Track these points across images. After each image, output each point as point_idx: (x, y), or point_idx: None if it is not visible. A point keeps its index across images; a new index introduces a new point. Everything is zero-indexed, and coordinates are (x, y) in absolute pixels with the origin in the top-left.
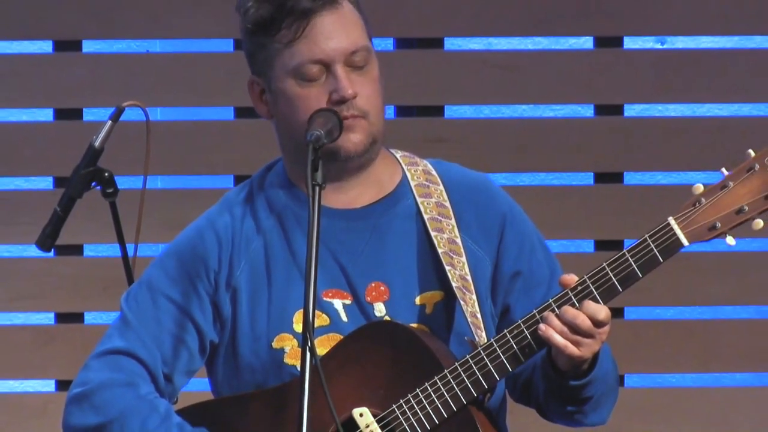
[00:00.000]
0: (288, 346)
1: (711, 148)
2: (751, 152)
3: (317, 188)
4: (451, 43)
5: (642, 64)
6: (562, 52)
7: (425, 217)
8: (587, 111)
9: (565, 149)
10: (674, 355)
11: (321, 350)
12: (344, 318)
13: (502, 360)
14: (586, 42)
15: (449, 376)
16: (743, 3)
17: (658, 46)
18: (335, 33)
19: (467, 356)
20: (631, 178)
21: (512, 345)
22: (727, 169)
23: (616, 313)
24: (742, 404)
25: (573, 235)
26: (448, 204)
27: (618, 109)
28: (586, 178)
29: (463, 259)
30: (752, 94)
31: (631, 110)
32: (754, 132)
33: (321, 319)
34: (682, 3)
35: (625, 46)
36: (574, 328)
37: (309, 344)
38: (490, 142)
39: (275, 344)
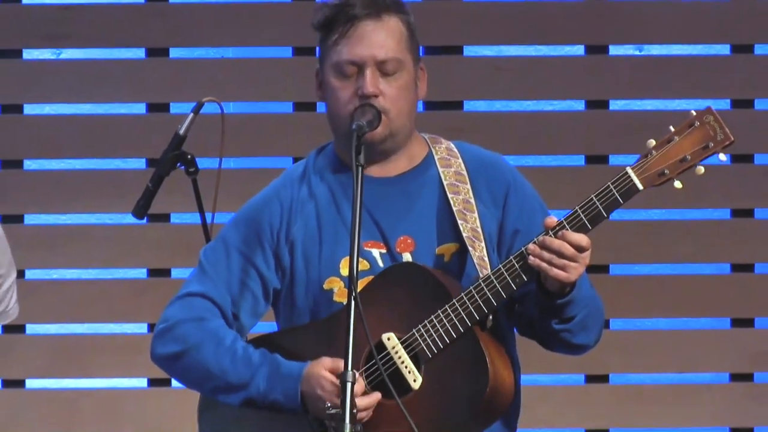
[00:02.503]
0: (336, 287)
1: None
2: (693, 112)
3: (360, 167)
4: (469, 50)
5: (624, 67)
6: (559, 58)
7: (445, 183)
8: (579, 105)
9: (561, 137)
10: (650, 303)
11: (362, 286)
12: (380, 264)
13: (498, 288)
14: (578, 49)
15: (456, 304)
16: (705, 18)
17: (637, 53)
18: (371, 41)
19: (470, 287)
20: (614, 159)
21: (505, 276)
22: (673, 127)
23: (603, 269)
24: (704, 343)
25: (567, 205)
26: (464, 172)
27: (604, 104)
28: (578, 161)
29: (475, 215)
30: (713, 92)
31: (615, 105)
32: None
33: (362, 265)
34: (656, 18)
35: (610, 53)
36: (560, 255)
37: (354, 285)
38: (500, 132)
39: (325, 286)
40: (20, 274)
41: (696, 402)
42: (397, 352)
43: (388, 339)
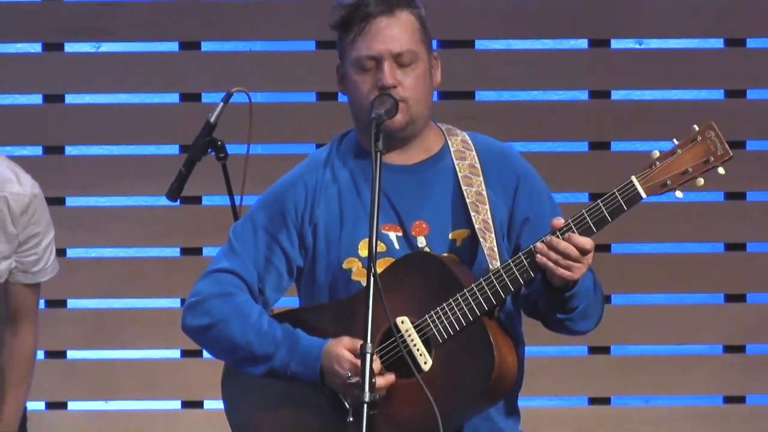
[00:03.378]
0: (354, 266)
1: (676, 124)
2: (696, 127)
3: (379, 153)
4: (480, 44)
5: (625, 59)
6: (564, 51)
7: (459, 174)
8: (583, 95)
9: (566, 125)
10: (649, 280)
11: (379, 270)
12: (397, 246)
13: (506, 282)
14: (582, 43)
15: (467, 294)
16: (701, 14)
17: (637, 46)
18: (386, 36)
19: (481, 279)
20: (616, 146)
21: (514, 271)
22: (677, 140)
23: (605, 248)
24: (700, 317)
25: (572, 189)
26: (478, 165)
27: (606, 94)
28: (582, 147)
29: (486, 207)
30: (708, 83)
31: (617, 95)
32: (707, 111)
33: (379, 247)
34: (654, 14)
35: (611, 47)
36: (565, 256)
37: (372, 265)
38: (509, 120)
39: (345, 265)
40: (62, 252)
41: (692, 372)
42: (410, 335)
43: (402, 322)
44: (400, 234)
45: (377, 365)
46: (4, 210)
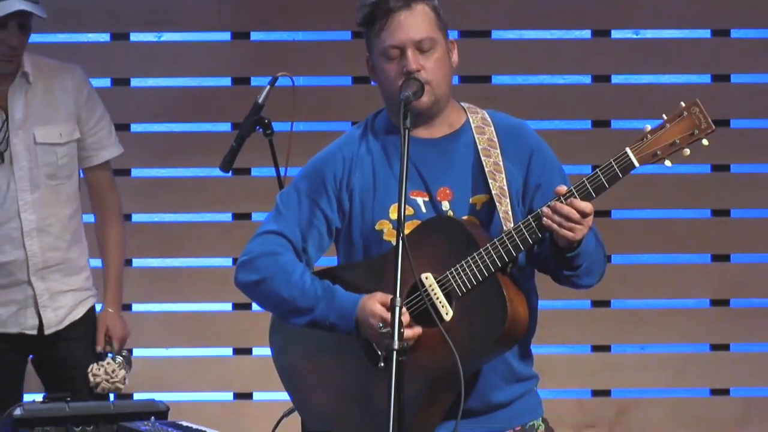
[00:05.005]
0: (385, 228)
1: (668, 104)
2: (682, 104)
3: (407, 131)
4: (496, 34)
5: (623, 48)
6: (570, 40)
7: (479, 147)
8: (586, 79)
9: (572, 105)
10: (645, 241)
11: (407, 231)
12: (423, 210)
13: (517, 242)
14: (586, 33)
15: (483, 252)
16: (690, 7)
17: (634, 36)
18: (408, 27)
19: (495, 239)
20: (616, 124)
21: (524, 232)
22: (666, 116)
23: (606, 214)
24: (690, 275)
25: (577, 161)
26: (495, 139)
27: (607, 78)
28: (586, 125)
29: (503, 175)
30: (696, 69)
31: (616, 79)
32: (696, 94)
33: (408, 210)
34: (650, 8)
35: (612, 36)
36: (568, 219)
37: (401, 227)
38: (522, 101)
39: (377, 227)
40: (128, 217)
41: (683, 323)
42: (433, 290)
43: (426, 278)
44: (426, 199)
45: (406, 318)
46: (73, 85)
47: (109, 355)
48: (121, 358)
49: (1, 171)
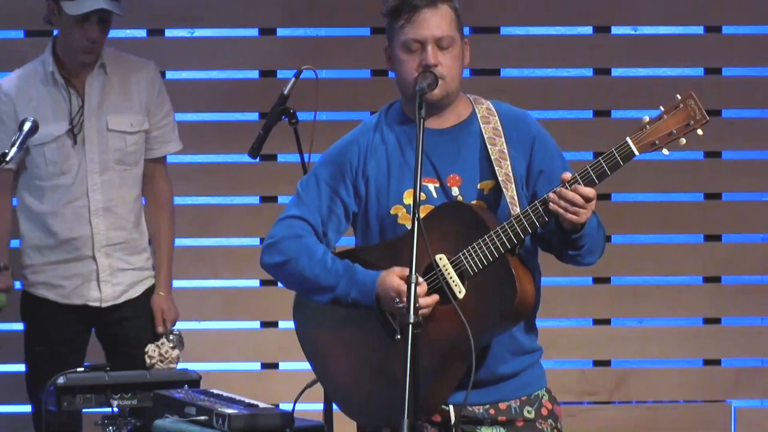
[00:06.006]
0: (400, 212)
1: (664, 96)
2: (678, 96)
3: (422, 119)
4: (505, 30)
5: (622, 43)
6: (573, 36)
7: (485, 136)
8: (588, 72)
9: (574, 96)
10: (642, 222)
11: (421, 216)
12: (435, 195)
13: (525, 225)
14: (588, 29)
15: (493, 235)
16: (685, 5)
17: (633, 32)
18: (430, 24)
19: (504, 223)
20: (615, 114)
21: (531, 216)
22: (663, 107)
23: (606, 197)
24: (684, 253)
25: (579, 149)
26: (500, 128)
27: (607, 71)
28: (587, 114)
29: (508, 163)
30: (690, 62)
31: (616, 72)
32: (689, 85)
33: (421, 196)
34: (647, 5)
35: (612, 32)
36: (573, 203)
37: (417, 211)
38: (528, 92)
39: (392, 211)
40: None
41: (677, 299)
42: (447, 269)
43: (440, 259)
44: (437, 185)
45: (422, 289)
46: (147, 80)
47: (163, 336)
48: (174, 338)
49: (74, 152)
